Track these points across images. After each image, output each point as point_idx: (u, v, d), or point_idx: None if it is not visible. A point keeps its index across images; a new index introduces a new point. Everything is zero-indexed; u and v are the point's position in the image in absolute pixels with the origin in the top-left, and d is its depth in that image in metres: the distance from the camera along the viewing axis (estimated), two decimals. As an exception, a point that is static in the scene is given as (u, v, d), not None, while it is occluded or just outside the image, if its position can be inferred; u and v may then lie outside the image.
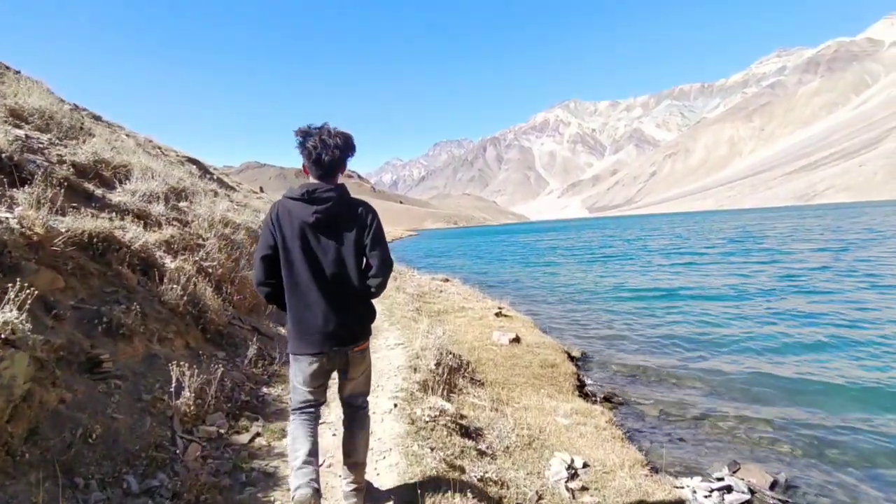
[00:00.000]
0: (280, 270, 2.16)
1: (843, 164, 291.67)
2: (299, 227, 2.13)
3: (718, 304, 11.12)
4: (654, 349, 8.18)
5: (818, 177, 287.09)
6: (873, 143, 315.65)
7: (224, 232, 6.91)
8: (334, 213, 2.15)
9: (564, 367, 6.49)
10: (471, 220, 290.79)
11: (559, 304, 12.58)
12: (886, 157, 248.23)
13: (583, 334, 9.35)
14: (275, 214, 2.17)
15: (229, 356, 4.26)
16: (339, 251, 2.17)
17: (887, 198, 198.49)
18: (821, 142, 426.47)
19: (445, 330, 7.67)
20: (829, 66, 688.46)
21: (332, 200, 2.14)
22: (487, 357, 6.55)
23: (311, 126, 2.19)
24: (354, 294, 2.22)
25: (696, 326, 9.53)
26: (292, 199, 2.17)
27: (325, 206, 2.13)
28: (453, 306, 10.19)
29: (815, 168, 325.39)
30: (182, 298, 4.17)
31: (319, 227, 2.14)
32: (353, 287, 2.20)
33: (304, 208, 2.14)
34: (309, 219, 2.12)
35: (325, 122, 2.21)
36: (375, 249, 2.22)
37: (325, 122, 2.21)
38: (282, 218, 2.16)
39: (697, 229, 51.88)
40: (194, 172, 16.52)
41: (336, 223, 2.17)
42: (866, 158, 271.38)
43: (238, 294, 5.46)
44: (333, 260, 2.16)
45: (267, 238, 2.16)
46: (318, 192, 2.14)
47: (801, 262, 17.92)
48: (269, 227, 2.17)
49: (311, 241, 2.15)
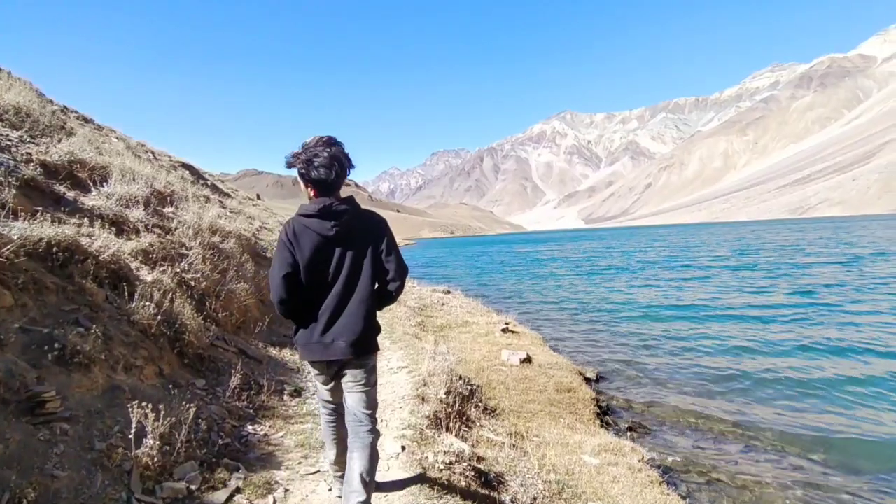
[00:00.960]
0: (299, 287, 2.19)
1: (836, 177, 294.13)
2: (318, 242, 2.17)
3: (737, 325, 10.54)
4: (675, 372, 7.64)
5: (811, 190, 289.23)
6: (866, 157, 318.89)
7: (211, 240, 6.36)
8: (351, 226, 2.20)
9: (582, 392, 5.94)
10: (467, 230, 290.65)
11: (567, 319, 12.02)
12: (879, 171, 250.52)
13: (595, 353, 8.80)
14: (291, 232, 2.19)
15: (209, 385, 3.69)
16: (358, 262, 2.23)
17: (880, 212, 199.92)
18: (814, 156, 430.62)
19: (451, 348, 7.13)
20: (822, 82, 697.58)
21: (348, 214, 2.20)
22: (498, 380, 6.00)
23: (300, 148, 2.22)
24: (368, 303, 2.25)
25: (716, 348, 8.97)
26: (308, 216, 2.19)
27: (342, 220, 2.18)
28: (457, 321, 9.64)
29: (809, 182, 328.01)
30: (156, 317, 3.61)
31: (338, 239, 2.19)
32: (368, 295, 2.25)
33: (322, 223, 2.17)
34: (328, 233, 2.17)
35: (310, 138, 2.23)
36: (391, 256, 2.29)
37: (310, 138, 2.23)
38: (299, 235, 2.18)
39: (697, 241, 51.60)
40: (186, 177, 15.96)
41: (353, 235, 2.22)
42: (859, 173, 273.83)
43: (224, 310, 4.90)
44: (352, 271, 2.22)
45: (286, 256, 2.17)
46: (333, 206, 2.17)
47: (812, 276, 17.48)
48: (286, 246, 2.18)
49: (331, 253, 2.19)
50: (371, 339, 2.30)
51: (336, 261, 2.20)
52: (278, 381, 4.13)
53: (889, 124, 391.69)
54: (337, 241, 2.19)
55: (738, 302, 13.25)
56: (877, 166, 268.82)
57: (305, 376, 4.52)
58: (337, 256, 2.20)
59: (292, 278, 2.17)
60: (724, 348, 8.91)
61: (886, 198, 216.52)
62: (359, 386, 2.30)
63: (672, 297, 14.41)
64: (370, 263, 2.25)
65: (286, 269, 2.15)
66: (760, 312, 11.78)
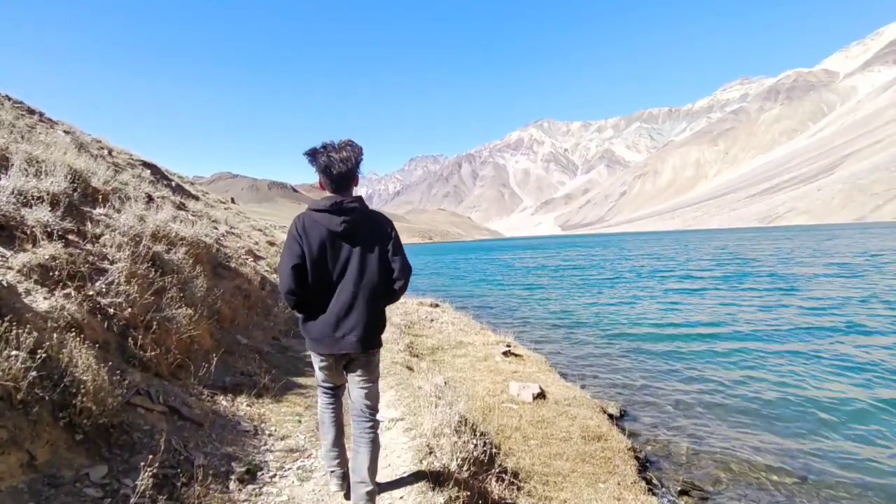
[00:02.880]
0: (307, 279, 2.26)
1: (802, 188, 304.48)
2: (326, 236, 2.25)
3: (754, 345, 9.57)
4: (704, 402, 6.63)
5: (779, 200, 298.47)
6: (830, 168, 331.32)
7: (154, 250, 5.06)
8: (359, 224, 2.28)
9: (614, 439, 4.83)
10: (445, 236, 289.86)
11: (568, 338, 10.90)
12: (843, 182, 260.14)
13: (608, 379, 7.73)
14: (301, 225, 2.28)
15: (114, 473, 2.44)
16: (364, 258, 2.29)
17: (843, 221, 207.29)
18: (781, 166, 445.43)
19: (449, 379, 5.96)
20: (789, 95, 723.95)
21: (357, 212, 2.28)
22: (511, 424, 4.85)
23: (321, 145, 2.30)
24: (375, 300, 2.32)
25: (738, 369, 8.05)
26: (318, 211, 2.28)
27: (351, 217, 2.26)
28: (449, 340, 8.48)
29: (777, 191, 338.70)
30: (28, 372, 2.35)
31: (346, 235, 2.27)
32: (375, 292, 2.31)
33: (331, 219, 2.26)
34: (337, 228, 2.25)
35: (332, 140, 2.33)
36: (397, 255, 2.35)
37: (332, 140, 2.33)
38: (308, 228, 2.27)
39: (679, 249, 51.68)
40: (145, 176, 14.41)
41: (361, 233, 2.29)
42: (824, 183, 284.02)
43: (155, 347, 3.63)
44: (358, 267, 2.28)
45: (294, 248, 2.26)
46: (343, 203, 2.27)
47: (815, 287, 16.91)
48: (295, 238, 2.27)
49: (338, 249, 2.27)
50: (378, 335, 2.38)
51: (343, 256, 2.28)
52: (224, 457, 2.89)
53: (851, 137, 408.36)
54: (345, 237, 2.27)
55: (740, 316, 12.44)
56: (840, 177, 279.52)
57: (266, 443, 3.28)
58: (345, 252, 2.28)
59: (301, 270, 2.24)
60: (747, 369, 7.97)
61: (850, 207, 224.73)
62: (364, 381, 2.39)
63: (678, 312, 13.47)
64: (377, 261, 2.30)
65: (295, 261, 2.23)
66: (771, 327, 10.96)
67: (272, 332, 7.00)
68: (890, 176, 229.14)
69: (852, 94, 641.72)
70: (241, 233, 17.27)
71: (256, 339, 6.19)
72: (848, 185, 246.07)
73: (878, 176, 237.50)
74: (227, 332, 5.80)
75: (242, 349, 5.33)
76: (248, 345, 5.60)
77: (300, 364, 5.59)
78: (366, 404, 2.40)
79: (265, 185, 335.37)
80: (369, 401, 2.41)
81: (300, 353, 6.13)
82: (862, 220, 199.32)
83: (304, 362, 5.72)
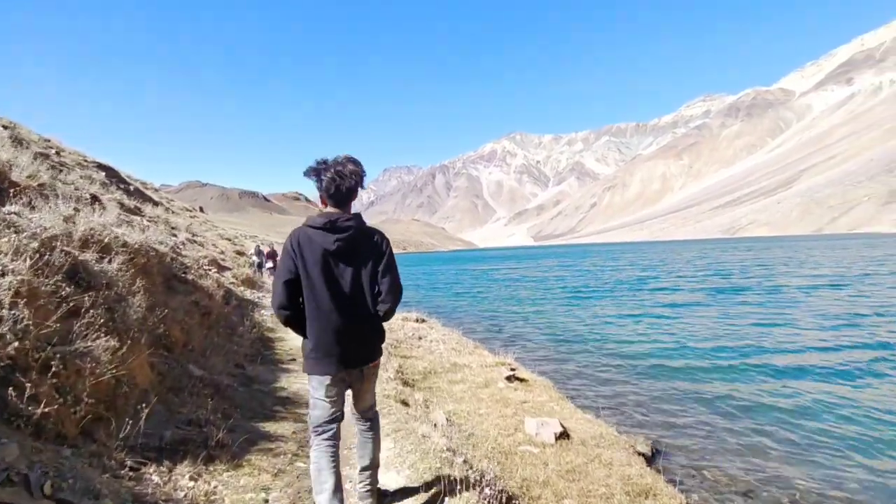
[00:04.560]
0: (299, 295, 2.26)
1: (762, 201, 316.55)
2: (321, 254, 2.22)
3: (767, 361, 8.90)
4: (734, 436, 5.81)
5: (741, 212, 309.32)
6: (788, 182, 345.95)
7: (80, 258, 3.93)
8: (354, 241, 2.25)
9: (665, 495, 3.90)
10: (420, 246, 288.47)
11: (567, 357, 9.88)
12: (800, 195, 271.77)
13: (627, 409, 6.82)
14: (295, 242, 2.25)
15: None
16: (357, 277, 2.27)
17: (802, 232, 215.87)
18: (742, 180, 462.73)
19: (450, 413, 4.96)
20: (749, 112, 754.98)
21: (353, 229, 2.26)
22: (537, 477, 3.88)
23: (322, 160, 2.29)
24: (370, 318, 2.31)
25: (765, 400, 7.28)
26: (314, 228, 2.25)
27: (346, 235, 2.23)
28: (442, 363, 7.47)
29: (739, 204, 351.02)
30: None
31: (340, 254, 2.24)
32: (368, 311, 2.30)
33: (325, 236, 2.23)
34: (331, 246, 2.22)
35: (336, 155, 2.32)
36: (386, 276, 2.30)
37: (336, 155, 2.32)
38: (303, 245, 2.24)
39: (656, 259, 52.03)
40: (96, 178, 12.98)
41: (355, 250, 2.26)
42: (783, 196, 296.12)
43: (57, 396, 2.51)
44: (351, 285, 2.26)
45: (288, 264, 2.24)
46: (339, 221, 2.24)
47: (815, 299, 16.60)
48: (289, 254, 2.25)
49: (332, 267, 2.24)
50: (378, 348, 2.40)
51: (337, 274, 2.25)
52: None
53: (807, 153, 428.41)
54: (339, 256, 2.24)
55: (746, 332, 11.85)
56: (798, 191, 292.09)
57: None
58: (339, 270, 2.25)
59: (293, 286, 2.24)
60: (767, 388, 7.24)
61: (808, 220, 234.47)
62: (361, 390, 2.42)
63: (679, 327, 12.71)
64: (369, 280, 2.28)
65: (287, 276, 2.23)
66: (785, 342, 10.36)
67: (236, 356, 5.84)
68: (844, 190, 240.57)
69: (807, 111, 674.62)
70: (206, 241, 15.85)
71: (215, 368, 5.05)
72: (805, 199, 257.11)
73: (833, 190, 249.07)
74: (176, 362, 4.65)
75: (194, 385, 4.19)
76: (203, 378, 4.46)
77: (269, 402, 4.48)
78: (363, 409, 2.48)
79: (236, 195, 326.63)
80: (368, 408, 2.50)
81: (269, 386, 5.02)
82: (819, 232, 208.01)
83: (274, 398, 4.61)
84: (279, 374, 5.55)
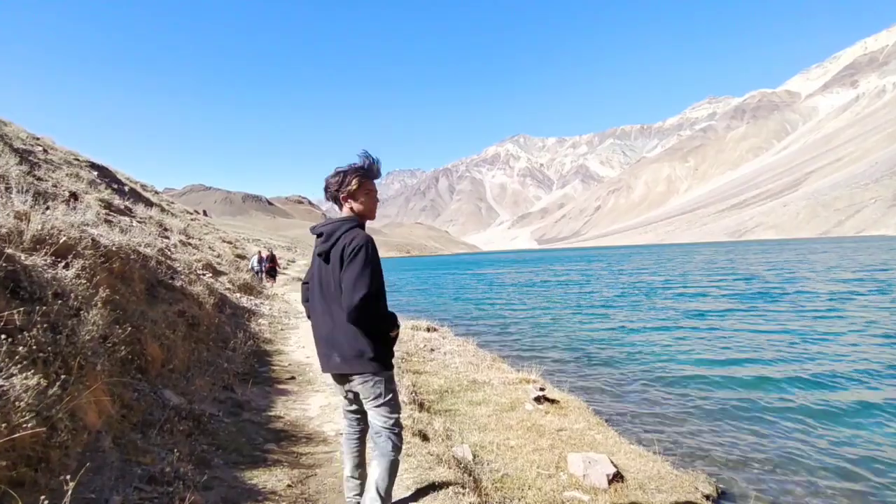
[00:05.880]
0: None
1: (769, 203, 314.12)
2: (314, 257, 2.40)
3: (841, 372, 8.04)
4: (807, 471, 4.95)
5: (747, 215, 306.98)
6: (795, 185, 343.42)
7: (24, 263, 3.19)
8: (331, 245, 2.27)
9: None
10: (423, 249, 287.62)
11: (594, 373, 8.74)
12: (807, 198, 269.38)
13: (671, 435, 5.94)
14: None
15: None
16: (330, 281, 2.27)
17: (809, 235, 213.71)
18: (748, 182, 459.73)
19: (474, 445, 4.13)
20: (754, 114, 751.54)
21: (323, 234, 2.33)
22: (597, 540, 3.04)
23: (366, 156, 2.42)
24: (343, 324, 2.23)
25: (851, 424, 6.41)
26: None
27: (320, 240, 2.34)
28: (459, 379, 6.65)
29: (745, 207, 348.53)
30: None
31: (323, 257, 2.31)
32: (342, 317, 2.22)
33: (316, 240, 2.39)
34: (316, 249, 2.37)
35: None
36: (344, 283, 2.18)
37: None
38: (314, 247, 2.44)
39: (666, 263, 50.99)
40: (84, 176, 12.28)
41: (328, 253, 2.28)
42: (790, 199, 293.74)
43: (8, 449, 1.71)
44: (330, 288, 2.27)
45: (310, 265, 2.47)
46: (317, 226, 2.38)
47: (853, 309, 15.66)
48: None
49: (319, 268, 2.35)
50: (362, 357, 2.23)
51: (321, 276, 2.32)
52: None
53: (813, 155, 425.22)
54: (323, 258, 2.31)
55: (800, 343, 10.95)
56: (804, 193, 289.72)
57: None
58: (323, 273, 2.31)
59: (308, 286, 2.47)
60: (848, 409, 6.38)
61: (814, 222, 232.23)
62: (368, 402, 2.31)
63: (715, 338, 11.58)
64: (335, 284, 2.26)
65: (307, 277, 2.49)
66: (845, 353, 9.48)
67: (225, 376, 5.04)
68: (850, 192, 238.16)
69: (813, 114, 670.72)
70: (202, 244, 15.09)
71: (197, 393, 4.25)
72: (812, 202, 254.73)
73: (840, 193, 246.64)
74: (151, 387, 3.86)
75: (168, 418, 3.39)
76: (181, 408, 3.66)
77: (260, 437, 3.67)
78: (378, 425, 2.35)
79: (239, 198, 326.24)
80: (381, 422, 2.34)
81: (262, 415, 4.21)
82: (826, 235, 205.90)
83: (266, 432, 3.81)
84: (275, 398, 4.75)
